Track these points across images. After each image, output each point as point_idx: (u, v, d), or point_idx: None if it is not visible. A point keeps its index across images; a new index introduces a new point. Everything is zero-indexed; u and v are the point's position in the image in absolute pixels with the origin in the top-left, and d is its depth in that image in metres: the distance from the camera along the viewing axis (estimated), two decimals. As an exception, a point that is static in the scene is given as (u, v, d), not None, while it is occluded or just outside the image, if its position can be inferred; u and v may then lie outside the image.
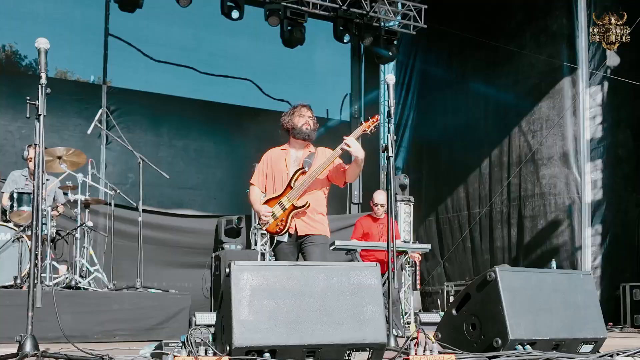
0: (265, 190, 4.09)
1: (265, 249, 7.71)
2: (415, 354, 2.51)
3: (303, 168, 3.97)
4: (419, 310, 8.25)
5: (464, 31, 8.99)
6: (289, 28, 8.70)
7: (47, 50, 2.75)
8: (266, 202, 4.00)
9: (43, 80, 2.71)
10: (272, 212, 3.92)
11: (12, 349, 3.10)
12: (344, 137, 3.87)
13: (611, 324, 7.01)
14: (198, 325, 6.07)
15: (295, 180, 3.94)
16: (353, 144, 3.82)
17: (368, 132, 4.00)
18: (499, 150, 8.80)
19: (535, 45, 8.41)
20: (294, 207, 3.90)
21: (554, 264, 7.57)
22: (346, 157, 3.95)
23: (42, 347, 2.96)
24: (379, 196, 6.16)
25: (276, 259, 4.08)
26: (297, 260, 3.99)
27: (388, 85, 3.68)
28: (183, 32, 9.25)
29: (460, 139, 9.42)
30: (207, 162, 9.39)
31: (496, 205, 8.80)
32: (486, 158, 8.97)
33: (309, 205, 3.93)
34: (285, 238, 3.91)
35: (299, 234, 3.94)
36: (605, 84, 7.83)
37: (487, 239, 8.85)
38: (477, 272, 8.70)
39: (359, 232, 6.18)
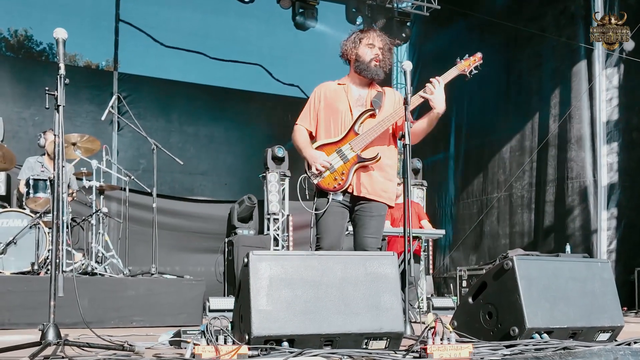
0: (316, 134, 3.22)
1: (278, 234, 7.71)
2: (433, 343, 2.51)
3: (373, 109, 3.12)
4: (432, 295, 8.26)
5: (479, 13, 8.82)
6: (300, 10, 8.61)
7: (65, 41, 2.73)
8: (318, 148, 3.13)
9: (62, 71, 2.69)
10: (330, 162, 3.08)
11: (31, 334, 3.14)
12: (431, 80, 3.07)
13: (625, 308, 6.97)
14: (214, 310, 6.19)
15: (362, 124, 3.11)
16: (438, 90, 3.06)
17: (467, 73, 3.23)
18: (521, 135, 8.71)
19: (556, 27, 8.26)
20: (359, 159, 3.08)
21: (568, 248, 7.53)
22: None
23: (61, 333, 3.00)
24: None
25: (319, 219, 3.16)
26: (346, 224, 3.23)
27: (405, 72, 3.35)
28: (193, 17, 9.22)
29: (481, 123, 9.32)
30: (217, 147, 9.42)
31: (516, 189, 8.74)
32: (507, 142, 8.90)
33: (379, 159, 3.09)
34: (339, 197, 3.10)
35: (356, 193, 3.12)
36: (622, 66, 7.70)
37: (506, 224, 8.82)
38: (492, 257, 8.67)
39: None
